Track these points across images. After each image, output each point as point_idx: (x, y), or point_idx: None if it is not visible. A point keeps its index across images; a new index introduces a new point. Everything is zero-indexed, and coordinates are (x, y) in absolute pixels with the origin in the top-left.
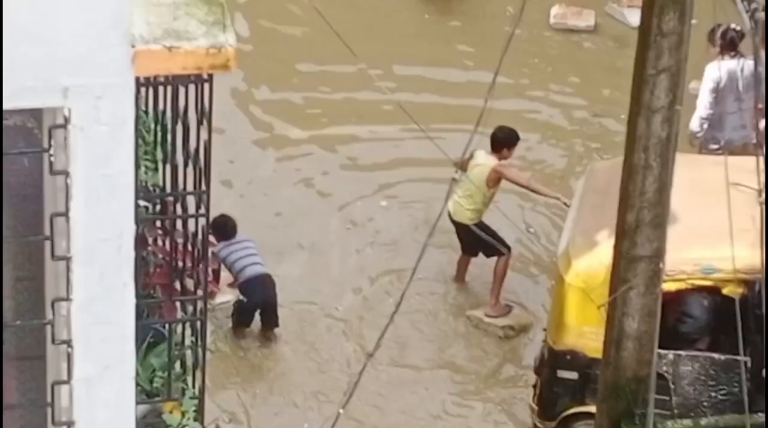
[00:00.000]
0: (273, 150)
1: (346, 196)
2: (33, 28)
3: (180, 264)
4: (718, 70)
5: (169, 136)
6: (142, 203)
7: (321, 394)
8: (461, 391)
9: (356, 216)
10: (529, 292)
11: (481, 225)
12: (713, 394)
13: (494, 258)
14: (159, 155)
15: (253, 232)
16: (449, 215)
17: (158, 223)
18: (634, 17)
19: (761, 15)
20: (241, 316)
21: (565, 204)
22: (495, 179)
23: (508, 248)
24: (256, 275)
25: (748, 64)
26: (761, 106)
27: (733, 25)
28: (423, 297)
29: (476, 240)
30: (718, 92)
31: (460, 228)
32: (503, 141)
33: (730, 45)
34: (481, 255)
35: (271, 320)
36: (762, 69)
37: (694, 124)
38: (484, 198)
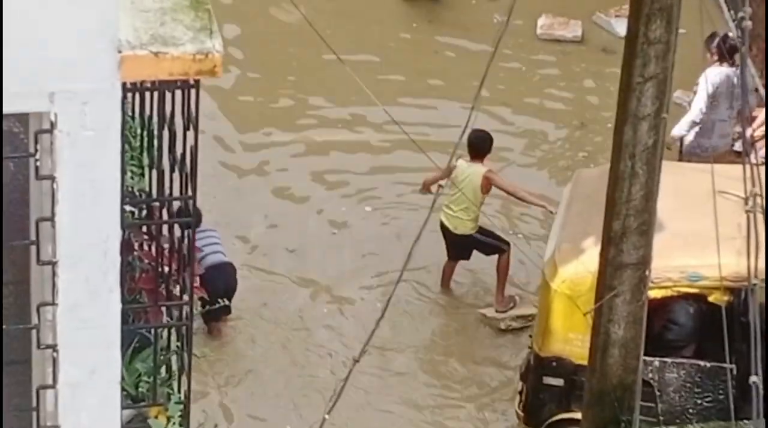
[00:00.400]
0: (255, 152)
1: (329, 199)
2: (20, 34)
3: (166, 269)
4: (716, 75)
5: (155, 142)
6: (128, 208)
7: (304, 396)
8: (456, 391)
9: (340, 220)
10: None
11: (481, 230)
12: (699, 401)
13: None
14: (145, 160)
15: (232, 230)
16: (448, 230)
17: (144, 228)
18: (621, 27)
19: (748, 24)
20: (210, 311)
21: (551, 212)
22: (487, 185)
23: (507, 244)
24: (217, 263)
25: None
26: (747, 114)
27: (730, 33)
28: (408, 299)
29: (478, 245)
30: (714, 98)
31: (461, 239)
32: (484, 146)
33: (727, 53)
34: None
35: (227, 308)
36: (749, 78)
37: (681, 127)
38: (479, 204)
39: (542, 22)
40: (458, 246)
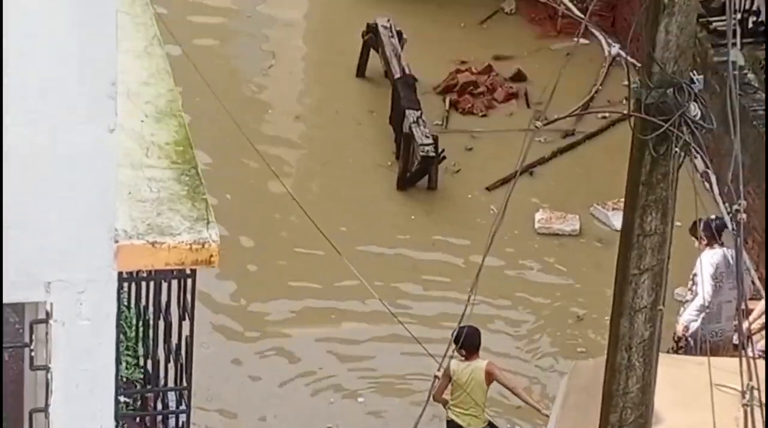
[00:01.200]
0: (243, 339)
1: (323, 391)
2: (17, 223)
3: None
4: (713, 256)
5: (150, 332)
6: (122, 399)
7: None
8: None
9: (331, 413)
10: None
11: (490, 424)
12: None
13: None
14: (140, 350)
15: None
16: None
17: (138, 419)
18: (618, 220)
19: (743, 217)
20: None
21: (545, 415)
22: (490, 378)
23: None
24: None
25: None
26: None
27: (712, 216)
28: None
29: None
30: (717, 279)
31: None
32: (476, 342)
33: (717, 235)
34: None
35: None
36: (743, 270)
37: (690, 314)
38: (485, 397)
39: (540, 216)
40: None
